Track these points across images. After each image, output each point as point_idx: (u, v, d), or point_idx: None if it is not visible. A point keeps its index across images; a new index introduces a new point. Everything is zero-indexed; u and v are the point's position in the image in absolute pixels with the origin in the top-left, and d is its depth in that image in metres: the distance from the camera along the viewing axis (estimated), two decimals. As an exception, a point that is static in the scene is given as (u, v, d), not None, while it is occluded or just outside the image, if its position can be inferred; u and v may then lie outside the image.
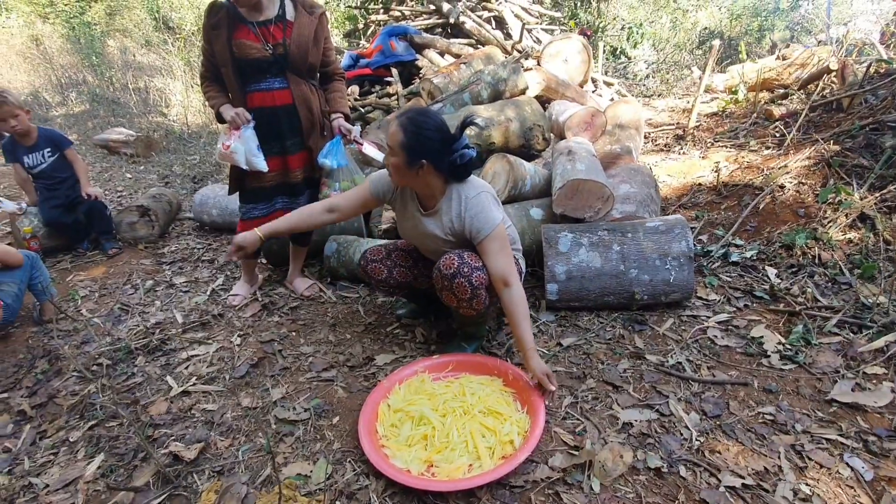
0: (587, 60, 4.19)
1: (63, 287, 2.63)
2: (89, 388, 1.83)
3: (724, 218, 2.74)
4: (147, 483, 1.43)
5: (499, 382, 1.69)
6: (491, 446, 1.43)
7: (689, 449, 1.45)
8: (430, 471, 1.37)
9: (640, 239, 2.06)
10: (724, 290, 2.23)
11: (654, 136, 4.15)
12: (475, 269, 1.66)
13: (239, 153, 2.05)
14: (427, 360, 1.82)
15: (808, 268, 2.25)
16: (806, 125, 3.15)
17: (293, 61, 2.04)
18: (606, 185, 2.22)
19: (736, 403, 1.62)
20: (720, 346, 1.90)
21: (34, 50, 11.00)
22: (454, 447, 1.42)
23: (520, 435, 1.46)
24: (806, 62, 4.03)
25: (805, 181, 2.66)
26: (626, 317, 2.10)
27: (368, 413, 1.56)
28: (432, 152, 1.60)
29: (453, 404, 1.56)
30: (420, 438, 1.47)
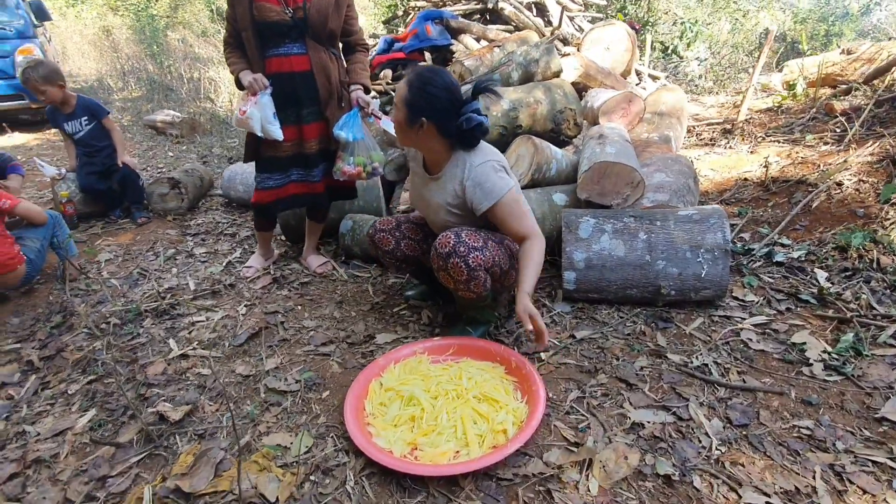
0: (631, 49, 3.97)
1: (92, 253, 2.71)
2: (95, 344, 1.85)
3: (770, 216, 2.49)
4: (130, 440, 1.41)
5: (501, 370, 1.58)
6: (482, 434, 1.32)
7: (707, 458, 1.29)
8: (414, 454, 1.28)
9: (671, 228, 1.88)
10: (765, 291, 2.01)
11: (698, 130, 3.87)
12: (473, 248, 1.55)
13: (254, 119, 2.02)
14: (428, 341, 1.73)
15: (864, 272, 1.99)
16: (870, 121, 2.83)
17: (313, 26, 1.99)
18: (637, 170, 2.05)
19: (768, 413, 1.44)
20: (754, 351, 1.70)
21: (104, 40, 11.74)
22: (441, 431, 1.33)
23: (515, 425, 1.34)
24: (874, 57, 3.64)
25: (866, 179, 2.37)
26: (650, 313, 1.92)
27: (358, 389, 1.48)
28: (436, 111, 1.51)
29: (447, 387, 1.46)
30: (407, 419, 1.38)
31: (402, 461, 1.23)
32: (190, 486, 1.22)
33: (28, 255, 2.10)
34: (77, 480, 1.28)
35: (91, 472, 1.30)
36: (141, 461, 1.34)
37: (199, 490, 1.21)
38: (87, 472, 1.30)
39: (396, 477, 1.23)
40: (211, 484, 1.23)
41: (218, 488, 1.22)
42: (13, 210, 2.08)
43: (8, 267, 2.05)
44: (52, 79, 2.85)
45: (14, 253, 2.07)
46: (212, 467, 1.28)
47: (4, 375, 1.73)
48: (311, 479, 1.24)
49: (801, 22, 10.21)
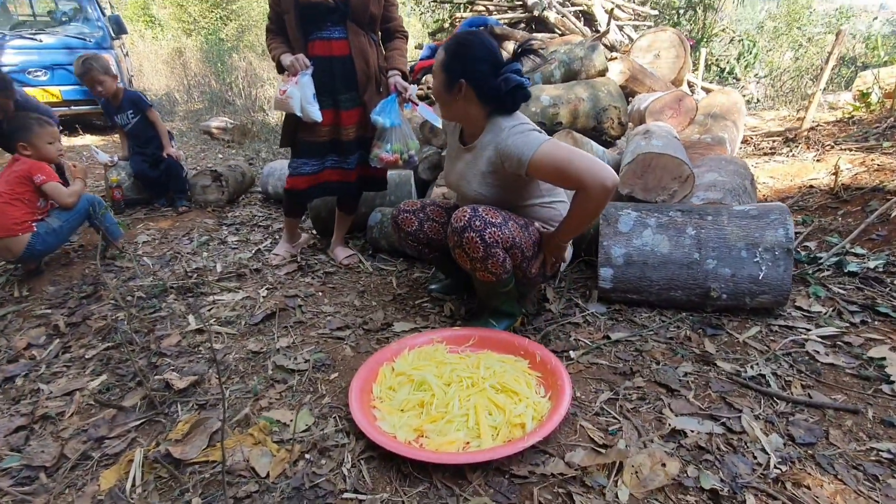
0: (682, 57, 3.79)
1: (132, 233, 2.80)
2: (119, 315, 1.86)
3: (841, 224, 2.22)
4: (134, 405, 1.37)
5: (524, 364, 1.44)
6: (496, 426, 1.18)
7: (764, 477, 1.09)
8: (419, 441, 1.16)
9: (724, 223, 1.69)
10: (835, 302, 1.76)
11: (756, 141, 3.60)
12: (489, 223, 1.44)
13: (294, 98, 2.00)
14: (447, 330, 1.62)
15: (960, 286, 1.71)
16: (966, 126, 2.51)
17: (355, 9, 1.99)
18: (686, 163, 1.88)
19: (839, 433, 1.21)
20: (822, 364, 1.47)
21: (176, 59, 12.69)
22: (452, 419, 1.20)
23: (535, 420, 1.20)
24: (970, 63, 3.28)
25: (962, 185, 2.07)
26: (697, 319, 1.72)
27: (367, 372, 1.38)
28: (475, 73, 1.45)
29: (462, 373, 1.34)
30: (416, 405, 1.26)
31: (403, 445, 1.11)
32: (181, 453, 1.15)
33: (39, 229, 2.13)
34: (76, 439, 1.25)
35: (90, 431, 1.27)
36: (140, 426, 1.29)
37: (189, 458, 1.14)
38: (87, 432, 1.27)
39: (397, 463, 1.11)
40: (203, 453, 1.16)
41: (209, 458, 1.14)
42: (42, 187, 2.14)
43: (10, 231, 2.04)
44: (109, 70, 3.02)
45: (20, 219, 2.07)
46: (206, 436, 1.21)
47: (32, 337, 1.76)
48: (306, 457, 1.14)
49: (872, 49, 9.57)
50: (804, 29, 9.44)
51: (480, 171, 1.55)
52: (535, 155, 1.41)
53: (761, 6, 13.63)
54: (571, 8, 4.29)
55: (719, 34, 7.18)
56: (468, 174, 1.60)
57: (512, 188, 1.57)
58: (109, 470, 1.13)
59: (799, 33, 9.16)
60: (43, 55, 5.58)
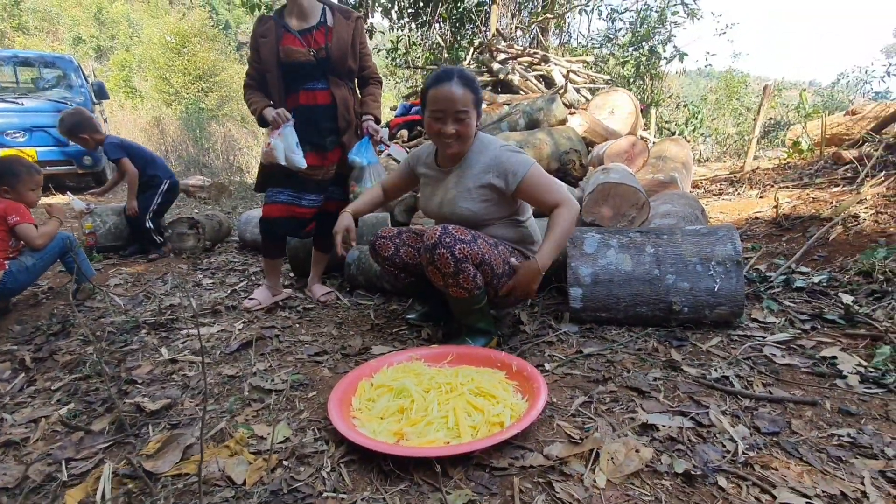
0: (634, 114, 4.18)
1: (104, 276, 2.76)
2: (88, 349, 1.82)
3: (785, 249, 2.41)
4: (103, 429, 1.32)
5: (501, 375, 1.47)
6: (475, 425, 1.20)
7: (734, 462, 1.13)
8: (399, 443, 1.16)
9: (678, 241, 1.84)
10: (787, 313, 1.88)
11: (705, 185, 3.91)
12: (458, 240, 1.54)
13: (279, 150, 2.12)
14: (424, 349, 1.65)
15: (894, 294, 1.87)
16: (883, 164, 2.83)
17: (334, 64, 2.17)
18: (640, 191, 2.05)
19: (801, 423, 1.28)
20: (780, 365, 1.55)
21: (154, 128, 12.98)
22: (431, 421, 1.21)
23: (513, 418, 1.22)
24: (879, 115, 3.74)
25: (884, 210, 2.32)
26: (663, 333, 1.81)
27: (345, 385, 1.39)
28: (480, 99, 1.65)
29: (440, 380, 1.36)
30: (395, 411, 1.27)
31: (382, 443, 1.12)
32: (153, 467, 1.11)
33: (11, 267, 2.11)
34: (41, 462, 1.19)
35: (56, 454, 1.21)
36: (108, 448, 1.24)
37: (162, 472, 1.10)
38: (52, 455, 1.21)
39: (378, 464, 1.10)
40: (175, 467, 1.12)
41: (182, 471, 1.11)
42: (14, 229, 2.14)
43: None
44: (95, 122, 3.12)
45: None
46: (179, 452, 1.17)
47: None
48: (284, 463, 1.12)
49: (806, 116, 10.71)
50: (742, 100, 10.49)
51: (467, 187, 1.66)
52: (528, 174, 1.60)
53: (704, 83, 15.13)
54: (532, 73, 4.73)
55: (666, 101, 7.93)
56: (455, 193, 1.69)
57: (497, 201, 1.68)
58: (76, 488, 1.08)
59: (738, 104, 10.17)
60: (23, 118, 5.67)
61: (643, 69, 7.59)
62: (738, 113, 9.91)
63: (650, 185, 2.67)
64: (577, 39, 8.37)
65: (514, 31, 6.65)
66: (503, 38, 5.77)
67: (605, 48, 8.10)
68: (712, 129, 8.32)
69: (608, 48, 8.08)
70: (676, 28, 7.47)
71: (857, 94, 10.62)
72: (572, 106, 4.12)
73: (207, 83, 18.33)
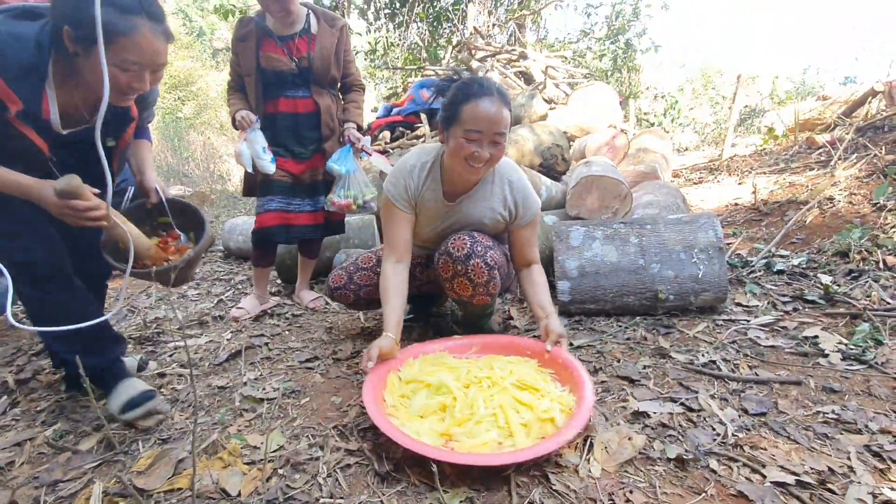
0: (614, 107, 4.22)
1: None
2: (71, 368, 1.78)
3: (765, 233, 2.47)
4: (91, 448, 1.29)
5: (533, 363, 1.41)
6: (527, 423, 1.15)
7: (724, 444, 1.15)
8: (448, 446, 1.11)
9: (661, 230, 1.86)
10: (769, 296, 1.93)
11: (685, 174, 3.98)
12: (488, 247, 1.49)
13: (245, 156, 2.09)
14: (448, 339, 1.55)
15: (870, 273, 1.92)
16: (854, 146, 2.91)
17: (317, 73, 2.13)
18: (623, 182, 2.08)
19: (787, 402, 1.31)
20: (764, 346, 1.59)
21: (131, 139, 12.68)
22: (480, 420, 1.15)
23: (563, 413, 1.18)
24: (849, 100, 3.84)
25: (857, 192, 2.38)
26: (651, 321, 1.84)
27: (375, 381, 1.30)
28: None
29: (478, 374, 1.30)
30: (437, 409, 1.21)
31: (444, 451, 1.06)
32: (145, 484, 1.09)
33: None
34: (28, 486, 1.16)
35: (43, 477, 1.18)
36: (98, 467, 1.22)
37: (154, 488, 1.09)
38: (39, 478, 1.18)
39: (374, 467, 1.10)
40: (168, 482, 1.11)
41: (175, 486, 1.09)
42: None
43: None
44: None
45: None
46: (171, 467, 1.15)
47: (-27, 398, 1.64)
48: (279, 472, 1.11)
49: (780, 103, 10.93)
50: (718, 90, 10.68)
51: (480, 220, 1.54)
52: (532, 221, 1.55)
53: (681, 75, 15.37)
54: (512, 69, 4.76)
55: (644, 92, 8.04)
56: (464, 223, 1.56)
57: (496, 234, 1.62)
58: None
59: (714, 93, 10.36)
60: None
61: (620, 62, 7.69)
62: (715, 102, 10.10)
63: (632, 176, 2.71)
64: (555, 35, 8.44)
65: (491, 28, 6.68)
66: (481, 36, 5.79)
67: (582, 43, 8.19)
68: (690, 118, 8.47)
69: (585, 42, 8.16)
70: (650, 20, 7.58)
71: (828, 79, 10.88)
72: (552, 101, 4.15)
73: (184, 91, 18.03)
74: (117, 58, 1.05)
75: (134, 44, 1.04)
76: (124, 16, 1.03)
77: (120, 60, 1.05)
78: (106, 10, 0.98)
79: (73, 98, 1.17)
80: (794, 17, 50.49)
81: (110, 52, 1.02)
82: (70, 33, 1.03)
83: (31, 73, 1.07)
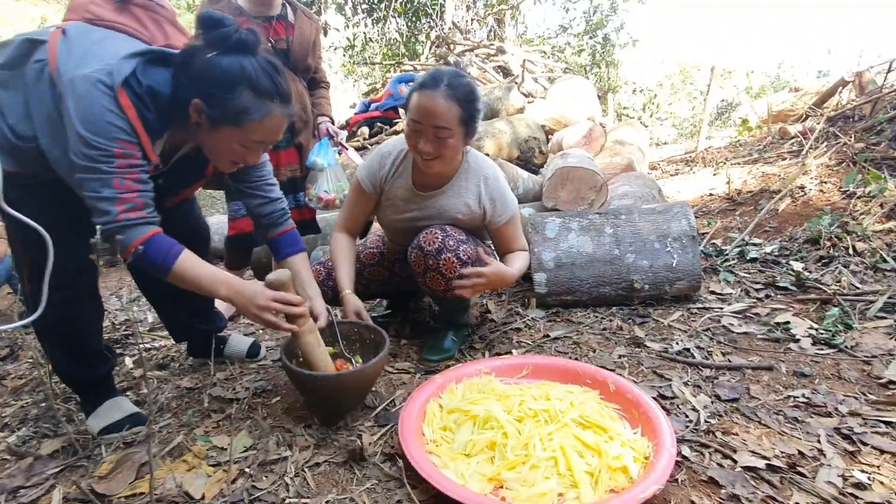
0: (592, 101, 4.24)
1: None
2: (35, 373, 1.71)
3: (739, 223, 2.50)
4: (53, 452, 1.25)
5: (594, 394, 1.23)
6: (592, 471, 0.97)
7: (696, 430, 1.15)
8: (498, 493, 0.95)
9: (636, 220, 1.87)
10: (742, 283, 1.95)
11: (662, 166, 4.02)
12: (461, 241, 1.45)
13: None
14: (493, 359, 1.43)
15: (840, 258, 1.95)
16: (825, 136, 2.96)
17: (295, 58, 2.08)
18: (599, 174, 2.08)
19: (759, 388, 1.32)
20: (737, 333, 1.60)
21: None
22: (537, 465, 0.98)
23: (637, 462, 1.00)
24: (820, 90, 3.92)
25: (827, 180, 2.42)
26: (626, 311, 1.84)
27: (412, 409, 1.16)
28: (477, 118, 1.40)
29: (533, 406, 1.13)
30: (485, 447, 1.04)
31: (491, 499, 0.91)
32: (106, 489, 1.05)
33: None
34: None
35: (3, 483, 1.13)
36: (61, 472, 1.17)
37: (115, 493, 1.05)
38: (0, 484, 1.13)
39: (344, 467, 1.08)
40: (130, 487, 1.07)
41: (137, 490, 1.05)
42: None
43: None
44: None
45: None
46: (134, 471, 1.12)
47: (-70, 406, 1.57)
48: (246, 471, 1.08)
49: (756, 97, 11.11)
50: (696, 84, 10.82)
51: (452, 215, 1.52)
52: (512, 218, 1.53)
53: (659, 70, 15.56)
54: (491, 64, 4.74)
55: (622, 87, 8.11)
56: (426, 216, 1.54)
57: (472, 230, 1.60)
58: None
59: (692, 88, 10.50)
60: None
61: (598, 57, 7.74)
62: (693, 97, 10.24)
63: (608, 168, 2.72)
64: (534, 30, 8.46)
65: (470, 23, 6.66)
66: (460, 31, 5.76)
67: (560, 38, 8.22)
68: (669, 113, 8.58)
69: (564, 38, 8.19)
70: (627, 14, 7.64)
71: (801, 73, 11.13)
72: (531, 95, 4.15)
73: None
74: (243, 137, 1.06)
75: (262, 127, 1.05)
76: (261, 101, 1.03)
77: (245, 140, 1.07)
78: (245, 93, 1.01)
79: (175, 139, 1.17)
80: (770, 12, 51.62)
81: (239, 133, 1.04)
82: (200, 107, 1.03)
83: (159, 132, 1.08)
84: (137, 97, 1.00)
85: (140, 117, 1.00)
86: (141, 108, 1.00)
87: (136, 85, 1.00)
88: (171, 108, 1.06)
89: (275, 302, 1.10)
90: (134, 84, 1.00)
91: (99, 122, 0.95)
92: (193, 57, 1.03)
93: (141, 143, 1.01)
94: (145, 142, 1.02)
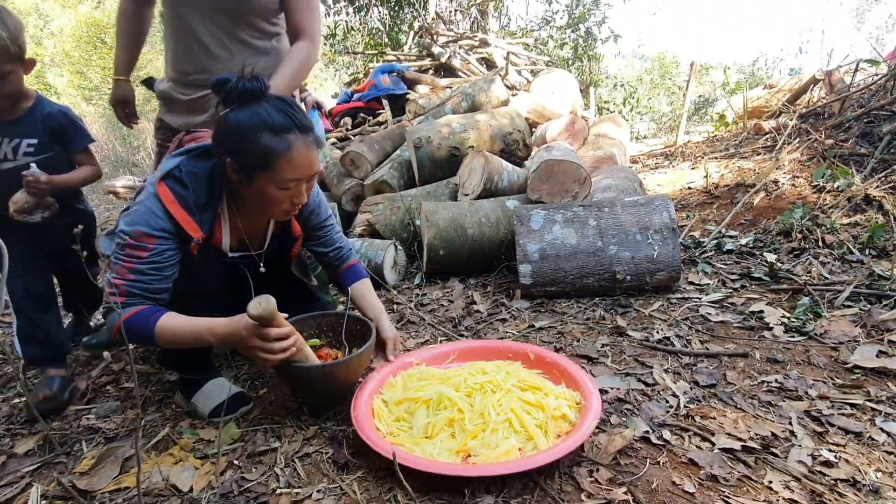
0: (575, 94, 4.27)
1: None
2: (8, 369, 1.66)
3: (716, 216, 2.57)
4: (29, 450, 1.22)
5: (518, 365, 1.34)
6: (541, 424, 1.09)
7: (676, 416, 1.20)
8: (469, 462, 1.03)
9: (618, 213, 1.90)
10: (719, 274, 2.01)
11: (643, 160, 4.09)
12: None
13: None
14: (423, 350, 1.48)
15: (811, 250, 2.03)
16: (797, 132, 3.06)
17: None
18: (582, 166, 2.11)
19: (734, 374, 1.37)
20: (714, 322, 1.66)
21: (74, 127, 11.91)
22: (496, 428, 1.07)
23: (572, 408, 1.14)
24: (793, 88, 4.04)
25: (800, 175, 2.51)
26: (609, 302, 1.88)
27: (361, 408, 1.16)
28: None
29: (478, 380, 1.21)
30: (444, 425, 1.10)
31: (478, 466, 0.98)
32: (88, 485, 1.03)
33: None
34: (-47, 497, 1.08)
35: (-30, 485, 1.10)
36: (37, 470, 1.15)
37: (99, 488, 1.03)
38: (-32, 487, 1.10)
39: (332, 456, 1.08)
40: (114, 482, 1.05)
41: (121, 485, 1.04)
42: None
43: None
44: None
45: None
46: (117, 466, 1.10)
47: None
48: (234, 463, 1.08)
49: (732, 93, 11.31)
50: (675, 80, 10.98)
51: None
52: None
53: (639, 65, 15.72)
54: (474, 56, 4.73)
55: (604, 80, 8.19)
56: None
57: None
58: (-2, 517, 0.99)
59: (671, 83, 10.65)
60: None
61: (581, 51, 7.79)
62: (672, 92, 10.40)
63: (591, 161, 2.76)
64: (517, 22, 8.46)
65: (453, 14, 6.62)
66: (443, 22, 5.72)
67: (543, 31, 8.24)
68: (648, 108, 8.71)
69: (546, 31, 8.21)
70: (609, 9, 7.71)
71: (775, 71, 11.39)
72: (514, 88, 4.16)
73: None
74: (278, 178, 1.09)
75: (290, 162, 1.07)
76: (280, 137, 1.06)
77: (280, 181, 1.09)
78: (264, 136, 1.05)
79: (241, 224, 1.24)
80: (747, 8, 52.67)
81: (272, 175, 1.08)
82: (233, 164, 1.09)
83: (207, 208, 1.14)
84: (176, 181, 1.10)
85: (177, 198, 1.08)
86: (177, 190, 1.09)
87: (176, 173, 1.11)
88: (213, 180, 1.15)
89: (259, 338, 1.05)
90: (176, 173, 1.11)
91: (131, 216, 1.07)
92: (219, 124, 1.10)
93: (178, 223, 1.08)
94: (183, 219, 1.09)
